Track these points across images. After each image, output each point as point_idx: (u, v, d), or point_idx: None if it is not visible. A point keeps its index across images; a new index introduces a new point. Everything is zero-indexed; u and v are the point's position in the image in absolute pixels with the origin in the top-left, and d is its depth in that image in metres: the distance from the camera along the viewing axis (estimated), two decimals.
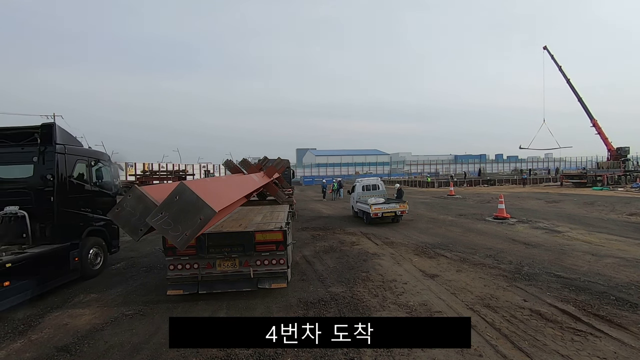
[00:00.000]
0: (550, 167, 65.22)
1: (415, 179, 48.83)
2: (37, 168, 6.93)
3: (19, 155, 7.02)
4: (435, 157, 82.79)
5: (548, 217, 14.29)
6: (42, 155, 6.95)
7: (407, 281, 6.65)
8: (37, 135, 6.98)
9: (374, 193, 15.70)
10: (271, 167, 10.54)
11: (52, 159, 6.95)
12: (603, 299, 5.45)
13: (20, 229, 6.42)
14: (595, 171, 34.40)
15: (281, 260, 5.85)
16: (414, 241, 10.40)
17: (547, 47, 36.12)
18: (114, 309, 5.71)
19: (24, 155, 6.99)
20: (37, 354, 4.36)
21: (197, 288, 5.80)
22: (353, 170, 70.94)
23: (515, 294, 5.79)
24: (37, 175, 6.91)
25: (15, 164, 7.07)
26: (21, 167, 7.06)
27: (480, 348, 4.10)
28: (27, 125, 7.31)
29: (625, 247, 8.84)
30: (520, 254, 8.44)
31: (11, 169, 7.10)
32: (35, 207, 6.65)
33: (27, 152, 6.97)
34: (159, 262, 8.32)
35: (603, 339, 4.22)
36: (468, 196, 25.64)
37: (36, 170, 6.93)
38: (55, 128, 7.15)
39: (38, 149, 6.93)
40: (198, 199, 3.78)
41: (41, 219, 6.70)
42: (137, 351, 4.33)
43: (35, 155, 6.93)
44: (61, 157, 7.10)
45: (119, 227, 4.39)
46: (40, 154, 6.94)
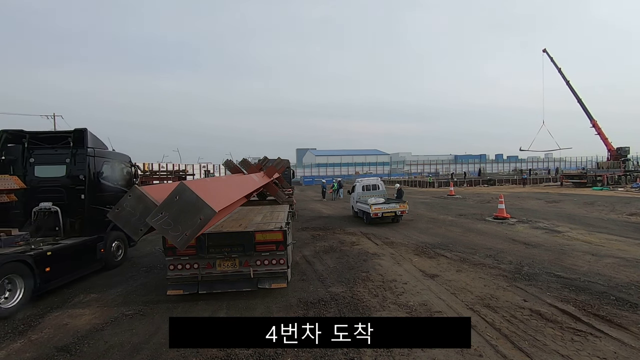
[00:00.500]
0: (550, 167, 65.20)
1: (415, 179, 48.83)
2: (69, 168, 7.80)
3: (53, 157, 7.87)
4: (435, 157, 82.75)
5: (548, 217, 14.29)
6: (74, 157, 7.83)
7: (407, 281, 6.65)
8: (70, 139, 7.86)
9: (374, 193, 15.70)
10: (271, 167, 10.54)
11: (83, 161, 7.80)
12: (603, 299, 5.45)
13: (53, 222, 7.21)
14: (595, 171, 34.42)
15: (281, 260, 5.85)
16: (414, 241, 10.39)
17: (546, 49, 36.53)
18: (114, 309, 5.71)
19: (57, 157, 7.86)
20: (37, 354, 4.35)
21: (197, 288, 5.80)
22: (353, 170, 70.92)
23: (515, 294, 5.79)
24: (70, 174, 7.77)
25: (50, 164, 7.84)
26: (55, 168, 7.84)
27: (480, 348, 4.10)
28: (61, 130, 8.63)
29: (625, 247, 8.84)
30: (520, 254, 8.44)
31: (46, 168, 7.83)
32: (67, 203, 7.49)
33: (61, 154, 7.85)
34: (159, 262, 8.32)
35: (603, 339, 4.22)
36: (468, 196, 25.64)
37: (68, 170, 7.79)
38: (87, 133, 7.91)
39: (70, 152, 7.83)
40: (198, 199, 3.78)
41: (72, 214, 7.57)
42: (137, 351, 4.33)
43: (68, 157, 7.82)
44: (91, 159, 7.92)
45: (120, 227, 4.39)
46: (72, 156, 7.83)
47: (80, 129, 7.91)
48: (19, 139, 7.87)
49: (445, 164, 79.20)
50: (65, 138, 7.93)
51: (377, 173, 65.30)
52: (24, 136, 7.87)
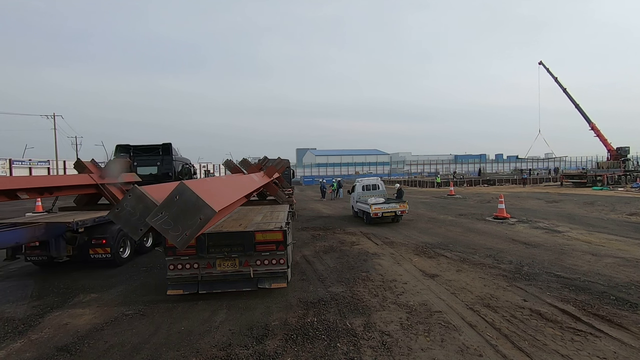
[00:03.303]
0: (550, 167, 65.17)
1: (415, 179, 48.81)
2: (159, 169, 12.22)
3: (148, 161, 12.25)
4: (435, 157, 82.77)
5: (548, 217, 14.29)
6: (162, 161, 12.35)
7: (407, 281, 6.65)
8: (159, 149, 12.46)
9: (374, 193, 15.70)
10: (271, 167, 10.52)
11: (169, 163, 12.31)
12: (603, 299, 5.45)
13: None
14: (595, 171, 34.42)
15: (281, 260, 5.85)
16: (414, 241, 10.39)
17: (542, 62, 37.46)
18: (114, 308, 5.71)
19: (151, 161, 12.27)
20: (37, 354, 4.35)
21: (197, 288, 5.80)
22: (353, 170, 70.93)
23: (515, 294, 5.79)
24: (160, 172, 12.09)
25: (147, 166, 12.07)
26: (150, 168, 12.11)
27: (480, 348, 4.10)
28: (154, 143, 12.59)
29: (625, 247, 8.83)
30: (520, 254, 8.44)
31: (144, 169, 11.89)
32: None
33: (154, 159, 12.33)
34: (159, 262, 8.32)
35: (603, 339, 4.22)
36: (468, 196, 25.64)
37: (159, 169, 12.18)
38: (171, 146, 12.55)
39: (160, 157, 12.38)
40: (198, 198, 3.77)
41: None
42: (137, 351, 4.33)
43: (158, 161, 12.33)
44: (174, 163, 12.49)
45: (120, 227, 4.39)
46: (161, 160, 12.34)
47: (167, 143, 12.53)
48: (127, 149, 12.12)
49: (446, 164, 79.20)
50: (157, 148, 12.42)
51: (377, 173, 65.36)
52: (130, 148, 12.25)
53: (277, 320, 5.05)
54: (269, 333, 4.65)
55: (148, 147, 12.46)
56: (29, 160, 42.97)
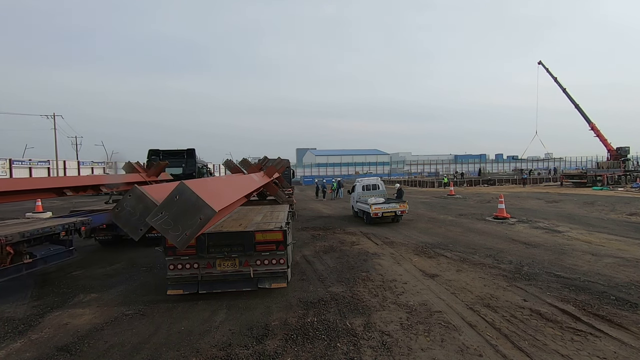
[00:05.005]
0: (550, 166, 65.17)
1: (415, 179, 48.80)
2: (184, 169, 14.78)
3: (174, 163, 14.25)
4: (435, 157, 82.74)
5: (548, 217, 14.29)
6: (186, 163, 15.06)
7: (407, 281, 6.65)
8: (184, 153, 15.23)
9: (374, 193, 15.70)
10: (271, 167, 10.52)
11: (193, 165, 15.06)
12: (603, 299, 5.45)
13: None
14: (595, 171, 34.42)
15: (281, 260, 5.85)
16: (414, 241, 10.39)
17: (541, 62, 37.43)
18: (114, 308, 5.71)
19: (177, 163, 14.55)
20: (37, 353, 4.35)
21: (197, 288, 5.80)
22: (353, 170, 70.89)
23: (515, 294, 5.80)
24: (184, 172, 14.53)
25: (173, 167, 13.98)
26: (176, 169, 14.33)
27: (480, 348, 4.10)
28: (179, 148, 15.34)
29: (625, 247, 8.84)
30: (520, 254, 8.44)
31: (171, 169, 13.65)
32: None
33: (179, 161, 14.86)
34: (159, 262, 8.31)
35: (603, 339, 4.22)
36: (468, 196, 25.64)
37: (183, 170, 14.68)
38: (194, 150, 15.41)
39: (185, 160, 15.10)
40: (198, 198, 3.77)
41: None
42: (137, 351, 4.33)
43: (183, 163, 14.97)
44: (197, 165, 15.27)
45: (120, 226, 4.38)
46: (185, 162, 15.05)
47: (191, 148, 15.38)
48: (157, 153, 14.54)
49: (446, 164, 79.17)
50: (182, 153, 15.20)
51: (377, 173, 65.29)
52: (159, 152, 14.71)
53: (277, 320, 5.05)
54: (269, 333, 4.65)
55: (175, 151, 15.10)
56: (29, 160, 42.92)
